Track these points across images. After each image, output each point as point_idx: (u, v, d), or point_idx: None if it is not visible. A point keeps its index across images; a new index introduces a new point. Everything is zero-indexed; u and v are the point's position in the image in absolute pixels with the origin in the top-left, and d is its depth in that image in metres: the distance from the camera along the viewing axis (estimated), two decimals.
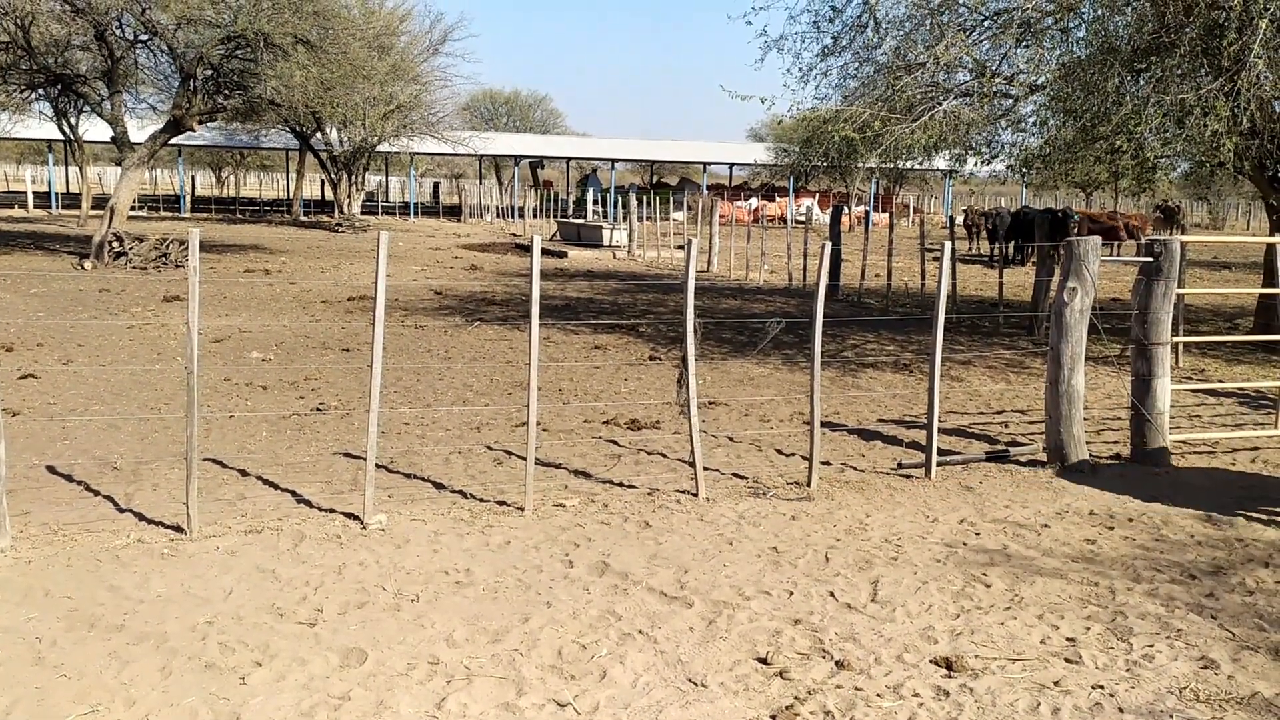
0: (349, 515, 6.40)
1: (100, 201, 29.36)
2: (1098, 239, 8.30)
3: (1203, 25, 10.86)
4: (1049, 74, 12.70)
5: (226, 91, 23.09)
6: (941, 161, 17.15)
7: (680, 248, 25.94)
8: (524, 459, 6.83)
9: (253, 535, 6.03)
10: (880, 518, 6.78)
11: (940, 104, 12.97)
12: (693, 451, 7.17)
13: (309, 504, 6.68)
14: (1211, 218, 56.44)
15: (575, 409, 9.79)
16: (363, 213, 41.02)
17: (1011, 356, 13.31)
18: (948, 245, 8.19)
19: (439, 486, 7.21)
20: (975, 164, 15.25)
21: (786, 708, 4.19)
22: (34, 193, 42.82)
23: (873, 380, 11.75)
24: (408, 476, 7.43)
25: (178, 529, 6.06)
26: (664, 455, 8.23)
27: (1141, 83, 11.77)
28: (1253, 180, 15.60)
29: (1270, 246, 12.85)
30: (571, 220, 34.94)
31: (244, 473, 7.37)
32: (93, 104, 23.96)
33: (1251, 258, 27.59)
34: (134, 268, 20.38)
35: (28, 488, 6.81)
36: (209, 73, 22.45)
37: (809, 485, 7.37)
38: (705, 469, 7.28)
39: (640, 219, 29.77)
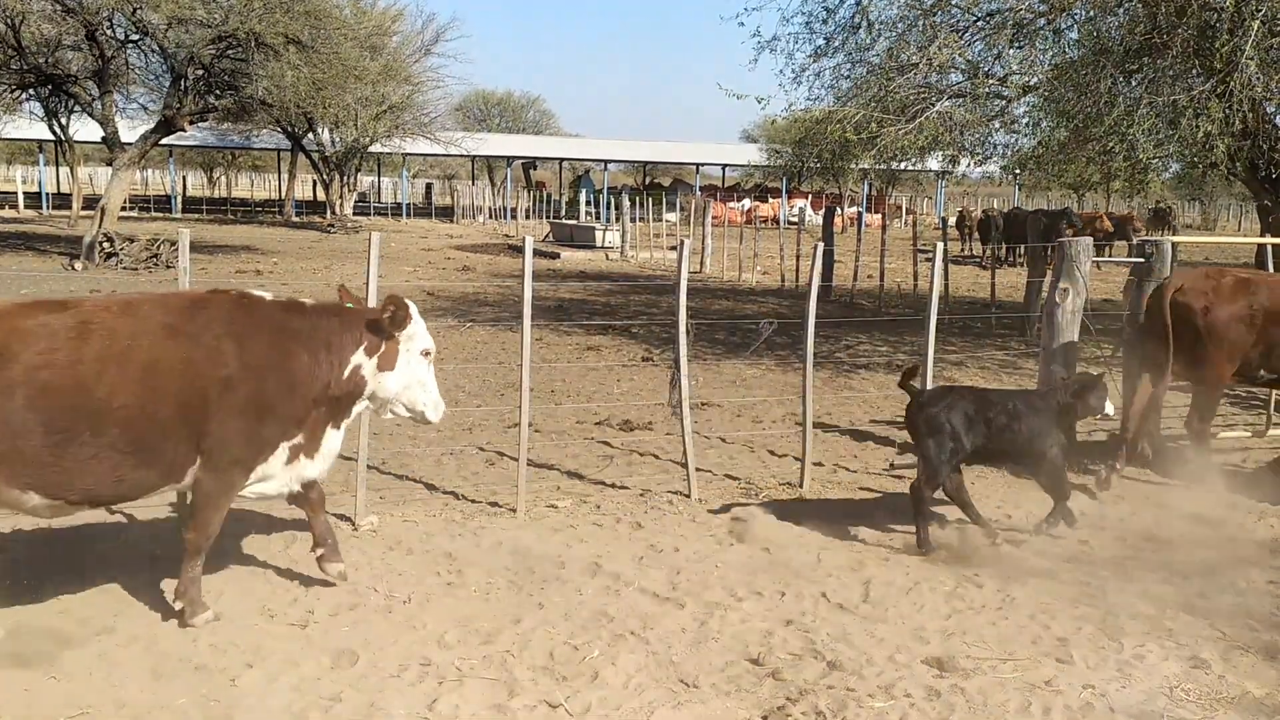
0: (340, 517, 6.37)
1: (91, 202, 29.26)
2: (1089, 240, 8.32)
3: (1195, 26, 10.90)
4: (1042, 75, 12.73)
5: (218, 91, 23.03)
6: (935, 163, 17.17)
7: (673, 249, 25.91)
8: (516, 460, 6.82)
9: (243, 537, 6.01)
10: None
11: (933, 105, 12.99)
12: (685, 453, 7.16)
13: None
14: (1204, 219, 56.60)
15: (568, 410, 9.77)
16: (355, 214, 40.93)
17: (1004, 357, 13.33)
18: (940, 246, 8.20)
19: (431, 488, 7.20)
20: (968, 165, 15.27)
21: (778, 708, 4.19)
22: (24, 193, 42.59)
23: (865, 381, 11.75)
24: (399, 478, 7.41)
25: None
26: (656, 456, 8.23)
27: (1134, 84, 11.80)
28: (1245, 182, 15.64)
29: (1261, 247, 12.86)
30: (564, 221, 34.91)
31: None
32: (84, 104, 23.87)
33: (1243, 258, 27.62)
34: (125, 268, 20.31)
35: None
36: (200, 73, 22.39)
37: (801, 486, 7.37)
38: (698, 470, 7.27)
39: (633, 220, 29.73)
